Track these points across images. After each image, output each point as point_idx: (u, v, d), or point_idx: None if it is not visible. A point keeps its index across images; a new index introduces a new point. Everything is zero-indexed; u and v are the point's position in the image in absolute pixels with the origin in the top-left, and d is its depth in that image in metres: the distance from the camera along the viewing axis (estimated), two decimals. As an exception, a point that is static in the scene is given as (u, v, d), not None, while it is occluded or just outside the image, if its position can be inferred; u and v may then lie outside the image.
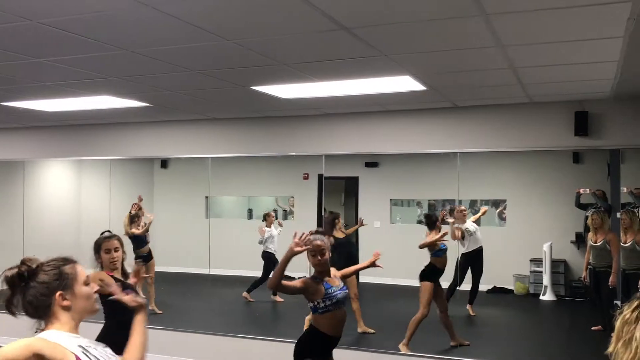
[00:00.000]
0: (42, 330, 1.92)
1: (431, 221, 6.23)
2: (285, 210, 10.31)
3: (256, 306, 8.26)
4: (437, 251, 5.99)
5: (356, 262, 6.11)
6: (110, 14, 2.78)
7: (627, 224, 5.85)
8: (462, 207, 7.50)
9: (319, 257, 3.68)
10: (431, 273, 5.95)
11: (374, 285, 8.58)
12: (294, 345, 3.84)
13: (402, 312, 7.05)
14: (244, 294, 8.05)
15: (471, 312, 7.29)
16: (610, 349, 1.49)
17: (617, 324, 1.49)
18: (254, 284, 8.05)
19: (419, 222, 9.37)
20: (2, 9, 2.71)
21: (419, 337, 5.81)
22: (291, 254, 3.46)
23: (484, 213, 7.74)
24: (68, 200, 9.60)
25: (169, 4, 2.63)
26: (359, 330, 6.53)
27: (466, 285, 7.32)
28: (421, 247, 5.99)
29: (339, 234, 7.00)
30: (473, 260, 7.31)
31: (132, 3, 2.60)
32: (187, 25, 2.94)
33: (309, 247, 3.50)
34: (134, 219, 7.61)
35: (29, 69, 4.00)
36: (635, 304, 1.48)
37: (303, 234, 3.49)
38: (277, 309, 8.15)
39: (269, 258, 8.17)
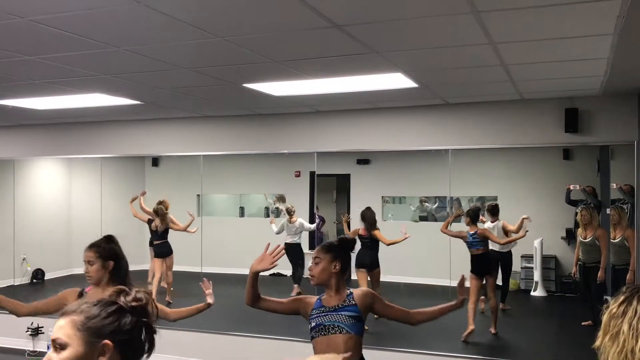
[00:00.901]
0: None
1: (476, 215, 6.54)
2: (277, 208, 10.30)
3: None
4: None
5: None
6: (102, 12, 2.77)
7: (616, 220, 5.91)
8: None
9: (309, 269, 3.03)
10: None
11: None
12: (293, 342, 3.78)
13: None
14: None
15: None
16: (597, 343, 1.50)
17: (604, 318, 1.50)
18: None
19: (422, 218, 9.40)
20: (-8, 6, 2.70)
21: (421, 336, 5.83)
22: (253, 274, 2.90)
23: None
24: (59, 199, 9.55)
25: (161, 2, 2.63)
26: None
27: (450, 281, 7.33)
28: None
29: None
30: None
31: (124, 0, 2.59)
32: (179, 23, 2.93)
33: (274, 265, 2.89)
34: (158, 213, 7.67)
35: (20, 67, 3.97)
36: (622, 298, 1.50)
37: (277, 246, 2.94)
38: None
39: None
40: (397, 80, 4.39)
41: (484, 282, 6.40)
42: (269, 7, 2.71)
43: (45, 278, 9.00)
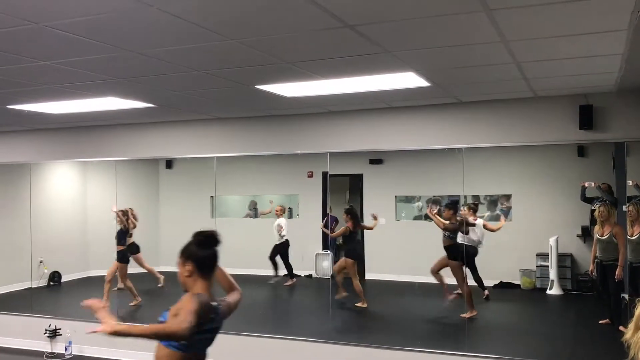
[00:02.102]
0: None
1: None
2: (290, 209, 10.33)
3: (261, 304, 8.28)
4: None
5: None
6: (115, 16, 2.80)
7: (634, 217, 5.84)
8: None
9: None
10: None
11: (380, 282, 8.60)
12: (297, 342, 3.80)
13: (409, 309, 7.08)
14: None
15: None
16: (627, 336, 1.48)
17: (637, 312, 1.48)
18: None
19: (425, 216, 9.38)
20: (6, 12, 2.73)
21: (423, 333, 5.82)
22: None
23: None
24: (74, 202, 9.64)
25: (173, 5, 2.65)
26: None
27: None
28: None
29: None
30: None
31: (137, 4, 2.61)
32: (192, 25, 2.95)
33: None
34: None
35: (35, 72, 4.02)
36: None
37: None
38: (283, 307, 8.17)
39: None
40: (409, 80, 4.38)
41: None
42: (281, 8, 2.72)
43: (62, 280, 9.09)
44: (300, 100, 5.26)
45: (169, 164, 10.04)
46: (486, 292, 7.60)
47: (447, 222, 7.01)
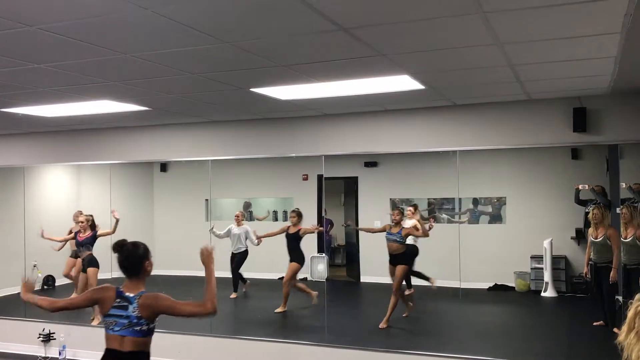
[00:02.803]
0: None
1: None
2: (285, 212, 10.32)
3: (257, 308, 8.27)
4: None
5: None
6: (109, 18, 2.79)
7: (627, 219, 5.86)
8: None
9: None
10: None
11: (376, 285, 8.59)
12: (300, 345, 3.82)
13: (404, 311, 7.08)
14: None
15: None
16: (621, 338, 1.49)
17: (630, 313, 1.48)
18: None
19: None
20: (0, 15, 2.72)
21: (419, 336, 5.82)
22: None
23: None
24: (68, 205, 9.58)
25: (167, 7, 2.64)
26: None
27: (459, 283, 7.34)
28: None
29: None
30: None
31: (131, 7, 2.61)
32: (186, 28, 2.95)
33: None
34: None
35: (29, 75, 4.01)
36: None
37: None
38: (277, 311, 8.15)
39: None
40: (403, 83, 4.39)
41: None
42: (276, 11, 2.72)
43: (56, 284, 9.04)
44: (295, 103, 5.26)
45: (164, 167, 10.01)
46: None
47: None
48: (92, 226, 7.29)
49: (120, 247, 3.26)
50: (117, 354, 3.09)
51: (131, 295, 3.12)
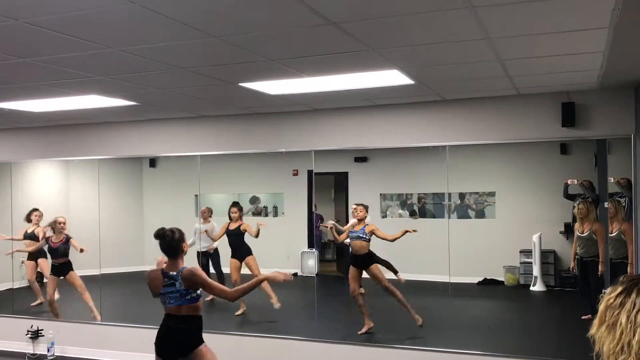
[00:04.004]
0: None
1: None
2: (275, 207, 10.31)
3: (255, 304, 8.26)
4: None
5: None
6: (96, 12, 2.76)
7: (612, 213, 5.90)
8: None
9: None
10: None
11: (366, 280, 8.60)
12: (290, 341, 3.89)
13: (398, 306, 7.10)
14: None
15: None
16: (592, 332, 1.50)
17: (601, 307, 1.50)
18: None
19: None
20: (-14, 8, 2.69)
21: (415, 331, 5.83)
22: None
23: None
24: (56, 201, 9.52)
25: (155, 1, 2.62)
26: None
27: (449, 278, 7.37)
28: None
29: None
30: None
31: (118, 0, 2.58)
32: (174, 22, 2.92)
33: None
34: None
35: (15, 69, 3.96)
36: (620, 289, 1.49)
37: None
38: (269, 306, 8.15)
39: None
40: (393, 77, 4.39)
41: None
42: (264, 5, 2.71)
43: (44, 281, 8.97)
44: (284, 98, 5.24)
45: (153, 162, 9.95)
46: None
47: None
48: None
49: (162, 235, 3.83)
50: (176, 318, 3.77)
51: (174, 273, 3.76)
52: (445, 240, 6.82)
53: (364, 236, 6.52)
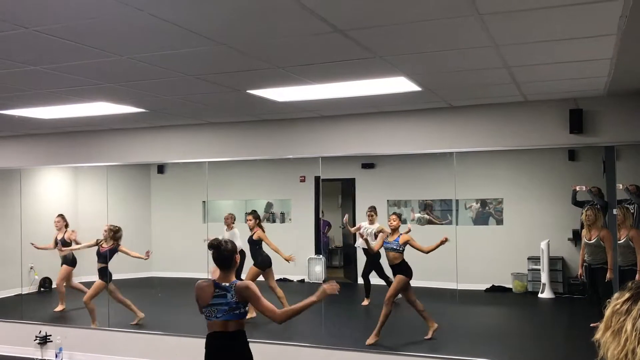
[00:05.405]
0: None
1: None
2: (282, 213, 10.31)
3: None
4: None
5: None
6: (106, 20, 2.79)
7: (620, 220, 5.87)
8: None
9: None
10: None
11: (376, 287, 8.58)
12: (297, 347, 3.86)
13: (404, 313, 7.08)
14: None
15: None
16: (597, 336, 1.49)
17: (607, 312, 1.49)
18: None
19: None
20: (-3, 17, 2.72)
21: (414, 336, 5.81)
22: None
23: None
24: (65, 208, 9.56)
25: (163, 9, 2.64)
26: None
27: (457, 285, 7.34)
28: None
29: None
30: None
31: (127, 8, 2.61)
32: (182, 30, 2.95)
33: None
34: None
35: (25, 77, 4.00)
36: (627, 295, 1.48)
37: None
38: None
39: None
40: (400, 84, 4.40)
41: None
42: (272, 13, 2.73)
43: (53, 287, 9.02)
44: (292, 105, 5.26)
45: (161, 169, 9.99)
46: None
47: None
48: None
49: (217, 246, 3.72)
50: (223, 335, 3.61)
51: (227, 284, 3.62)
52: (452, 247, 6.81)
53: (398, 248, 6.41)
